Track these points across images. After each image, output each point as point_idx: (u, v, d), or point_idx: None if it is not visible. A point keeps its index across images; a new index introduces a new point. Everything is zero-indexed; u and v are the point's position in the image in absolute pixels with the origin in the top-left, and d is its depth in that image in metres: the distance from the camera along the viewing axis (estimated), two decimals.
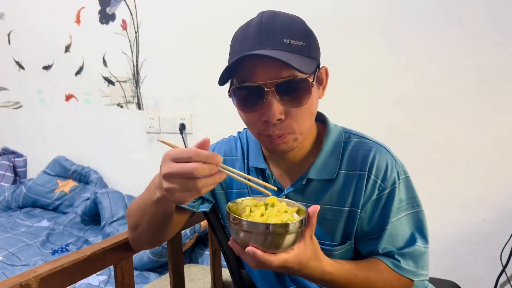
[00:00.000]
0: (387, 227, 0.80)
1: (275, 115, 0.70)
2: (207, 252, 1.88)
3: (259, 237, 0.62)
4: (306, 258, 0.66)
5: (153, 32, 2.11)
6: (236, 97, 0.74)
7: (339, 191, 0.82)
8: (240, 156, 0.93)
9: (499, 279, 1.53)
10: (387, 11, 1.58)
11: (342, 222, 0.82)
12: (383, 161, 0.80)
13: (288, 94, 0.71)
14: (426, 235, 0.83)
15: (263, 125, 0.73)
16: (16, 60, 2.57)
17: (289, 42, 0.70)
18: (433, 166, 1.59)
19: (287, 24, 0.72)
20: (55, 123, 2.54)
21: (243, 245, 0.64)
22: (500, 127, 1.49)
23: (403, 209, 0.82)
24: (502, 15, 1.42)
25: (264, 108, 0.71)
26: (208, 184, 0.60)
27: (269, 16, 0.73)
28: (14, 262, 1.89)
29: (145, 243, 0.89)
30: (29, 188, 2.43)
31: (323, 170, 0.82)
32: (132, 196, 2.20)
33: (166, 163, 0.62)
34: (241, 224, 0.62)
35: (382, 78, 1.63)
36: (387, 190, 0.80)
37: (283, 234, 0.62)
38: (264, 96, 0.70)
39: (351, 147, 0.83)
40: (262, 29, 0.70)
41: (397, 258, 0.80)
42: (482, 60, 1.47)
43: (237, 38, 0.75)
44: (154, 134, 2.21)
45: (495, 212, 1.53)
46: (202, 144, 0.62)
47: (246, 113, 0.75)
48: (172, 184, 0.61)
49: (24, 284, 0.75)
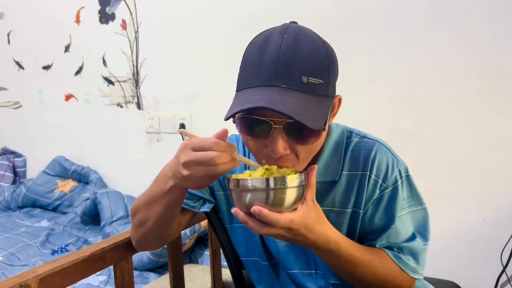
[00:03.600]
0: (391, 226, 0.80)
1: (279, 152, 0.68)
2: (207, 252, 1.88)
3: (261, 194, 0.63)
4: (311, 220, 0.66)
5: (153, 32, 2.11)
6: (240, 125, 0.72)
7: (342, 193, 0.82)
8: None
9: (499, 279, 1.53)
10: (389, 10, 1.58)
11: (346, 224, 0.82)
12: (384, 161, 0.80)
13: (295, 134, 0.68)
14: (426, 233, 0.83)
15: (266, 155, 0.71)
16: (16, 60, 2.57)
17: (307, 81, 0.66)
18: (434, 166, 1.59)
19: (309, 56, 0.67)
20: (55, 123, 2.53)
21: (245, 208, 0.65)
22: (500, 127, 1.48)
23: (405, 208, 0.82)
24: (504, 14, 1.42)
25: (268, 141, 0.69)
26: (226, 169, 0.65)
27: (290, 41, 0.67)
28: (13, 262, 1.89)
29: (151, 241, 0.89)
30: (28, 188, 2.42)
31: (326, 172, 0.81)
32: (132, 196, 2.19)
33: (186, 152, 0.65)
34: (242, 184, 0.64)
35: (383, 77, 1.63)
36: (388, 189, 0.80)
37: (283, 189, 0.63)
38: (270, 131, 0.68)
39: (352, 147, 0.83)
40: (280, 59, 0.65)
41: (397, 251, 0.81)
42: (484, 60, 1.47)
43: (252, 60, 0.69)
44: (154, 134, 2.21)
45: (496, 212, 1.53)
46: (221, 135, 0.65)
47: (250, 141, 0.73)
48: (193, 171, 0.65)
49: (23, 284, 0.75)
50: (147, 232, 0.85)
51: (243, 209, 0.65)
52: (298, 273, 0.88)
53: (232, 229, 0.95)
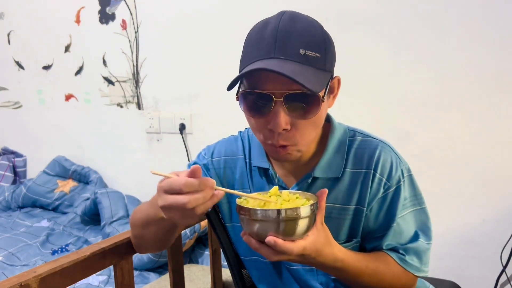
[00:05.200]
0: (393, 224, 0.81)
1: (280, 125, 0.70)
2: (207, 252, 1.88)
3: (274, 225, 0.62)
4: (320, 244, 0.67)
5: (153, 32, 2.11)
6: (244, 101, 0.74)
7: (345, 190, 0.82)
8: (242, 156, 0.93)
9: (499, 279, 1.53)
10: (391, 11, 1.58)
11: (348, 221, 0.83)
12: (388, 160, 0.82)
13: (296, 106, 0.71)
14: (429, 232, 0.84)
15: (268, 132, 0.74)
16: (16, 60, 2.57)
17: (305, 53, 0.69)
18: (434, 165, 1.59)
19: (305, 32, 0.71)
20: (55, 123, 2.53)
21: (257, 237, 0.65)
22: (501, 127, 1.48)
23: (407, 207, 0.83)
24: (506, 14, 1.42)
25: (270, 116, 0.71)
26: (206, 207, 0.61)
27: (287, 20, 0.71)
28: (14, 262, 1.89)
29: (150, 249, 0.93)
30: (29, 188, 2.42)
31: (329, 168, 0.82)
32: (132, 196, 2.19)
33: (160, 196, 0.63)
34: (254, 213, 0.63)
35: (385, 78, 1.63)
36: (392, 188, 0.81)
37: (296, 219, 0.63)
38: (272, 105, 0.70)
39: (356, 145, 0.84)
40: (278, 35, 0.69)
41: (402, 253, 0.82)
42: (486, 60, 1.47)
43: (252, 40, 0.74)
44: (154, 134, 2.21)
45: (495, 212, 1.53)
46: (193, 172, 0.61)
47: (253, 118, 0.75)
48: (171, 214, 0.63)
49: (24, 284, 0.75)
50: (145, 243, 0.89)
51: (254, 237, 0.65)
52: (300, 269, 0.88)
53: (233, 228, 0.95)
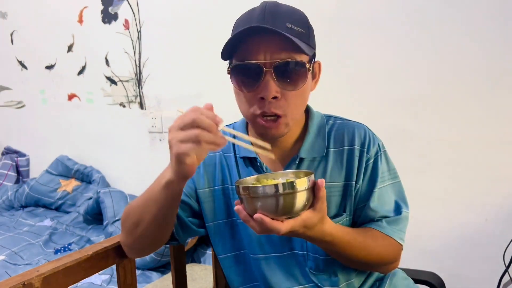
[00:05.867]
0: (374, 190, 0.86)
1: (271, 92, 0.75)
2: (209, 251, 1.88)
3: (269, 200, 0.64)
4: (311, 223, 0.69)
5: (155, 31, 2.11)
6: (234, 75, 0.79)
7: (331, 168, 0.87)
8: (219, 152, 0.94)
9: (501, 279, 1.53)
10: (390, 10, 1.57)
11: (336, 197, 0.87)
12: (366, 135, 0.89)
13: (285, 76, 0.76)
14: (406, 201, 0.91)
15: (259, 102, 0.77)
16: (19, 59, 2.58)
17: (291, 27, 0.75)
18: (436, 165, 1.58)
19: (290, 12, 0.78)
20: (57, 123, 2.54)
21: (254, 213, 0.66)
22: (503, 127, 1.48)
23: (387, 179, 0.89)
24: (504, 14, 1.42)
25: (261, 87, 0.76)
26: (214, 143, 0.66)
27: (273, 5, 0.78)
28: (16, 261, 1.90)
29: (144, 246, 0.88)
30: (31, 187, 2.43)
31: (312, 149, 0.87)
32: (135, 195, 2.20)
33: (172, 133, 0.69)
34: (252, 190, 0.65)
35: (385, 77, 1.62)
36: (371, 160, 0.88)
37: (292, 193, 0.64)
38: (262, 76, 0.75)
39: (335, 128, 0.90)
40: (266, 12, 0.76)
41: (387, 224, 0.86)
42: (486, 60, 1.46)
43: (241, 20, 0.81)
44: (157, 133, 2.21)
45: (498, 212, 1.53)
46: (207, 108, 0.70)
47: (244, 91, 0.79)
48: (181, 149, 0.67)
49: (27, 283, 0.76)
50: (141, 235, 0.84)
51: (250, 212, 0.67)
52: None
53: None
